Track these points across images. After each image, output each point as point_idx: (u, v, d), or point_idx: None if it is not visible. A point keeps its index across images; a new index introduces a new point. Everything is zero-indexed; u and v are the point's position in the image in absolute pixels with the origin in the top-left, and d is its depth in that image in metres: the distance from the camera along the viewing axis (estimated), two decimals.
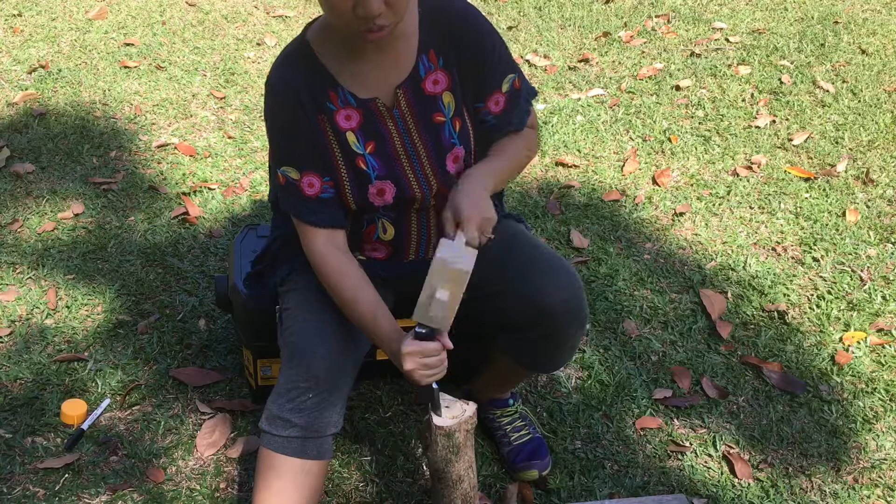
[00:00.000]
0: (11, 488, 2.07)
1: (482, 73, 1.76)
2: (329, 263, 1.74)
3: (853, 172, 3.26)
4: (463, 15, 1.75)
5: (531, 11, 4.65)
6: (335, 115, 1.72)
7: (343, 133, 1.73)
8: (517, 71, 1.82)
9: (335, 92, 1.71)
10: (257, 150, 3.41)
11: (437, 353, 1.63)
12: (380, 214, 1.81)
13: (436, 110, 1.75)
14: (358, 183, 1.75)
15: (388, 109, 1.73)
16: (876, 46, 4.21)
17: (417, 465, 2.15)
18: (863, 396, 2.35)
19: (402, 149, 1.76)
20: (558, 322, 1.79)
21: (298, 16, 4.58)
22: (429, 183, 1.78)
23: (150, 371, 2.40)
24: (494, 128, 1.82)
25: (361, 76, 1.71)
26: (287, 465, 1.72)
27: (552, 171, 3.31)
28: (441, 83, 1.74)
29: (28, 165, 3.25)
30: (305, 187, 1.73)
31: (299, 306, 1.82)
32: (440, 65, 1.73)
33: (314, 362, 1.71)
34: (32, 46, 4.17)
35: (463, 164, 1.80)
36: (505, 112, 1.81)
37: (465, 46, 1.73)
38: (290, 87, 1.70)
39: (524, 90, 1.83)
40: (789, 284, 2.73)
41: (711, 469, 2.16)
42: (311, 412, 1.71)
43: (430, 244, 1.87)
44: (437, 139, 1.76)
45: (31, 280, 2.71)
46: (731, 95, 3.79)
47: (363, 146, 1.74)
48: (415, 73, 1.72)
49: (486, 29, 1.77)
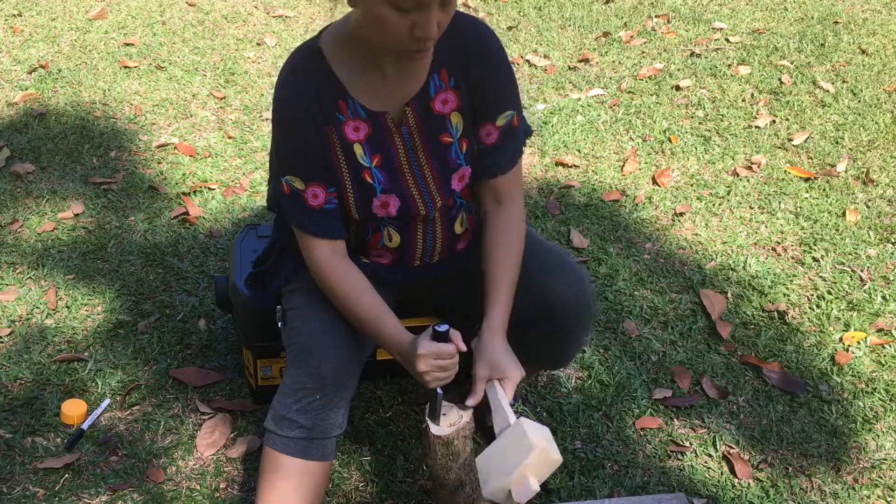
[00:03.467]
0: (11, 488, 2.07)
1: (482, 100, 1.74)
2: (330, 272, 1.73)
3: (853, 172, 3.26)
4: (479, 37, 1.72)
5: (531, 11, 4.65)
6: (343, 127, 1.70)
7: (350, 145, 1.71)
8: (518, 109, 1.78)
9: (345, 103, 1.68)
10: (257, 150, 3.41)
11: (451, 355, 1.62)
12: (385, 223, 1.80)
13: (443, 131, 1.73)
14: (362, 195, 1.74)
15: (396, 125, 1.71)
16: (876, 46, 4.21)
17: (417, 465, 2.15)
18: (863, 396, 2.35)
19: (407, 165, 1.74)
20: (567, 318, 1.79)
21: (298, 16, 4.58)
22: (433, 199, 1.77)
23: (150, 371, 2.40)
24: (481, 159, 1.79)
25: (373, 89, 1.68)
26: (291, 465, 1.72)
27: (552, 171, 3.31)
28: (450, 103, 1.72)
29: (28, 165, 3.26)
30: (310, 198, 1.71)
31: (306, 306, 1.81)
32: (451, 84, 1.71)
33: (323, 363, 1.70)
34: (32, 46, 4.18)
35: (469, 181, 1.79)
36: (496, 148, 1.78)
37: (474, 66, 1.71)
38: (300, 97, 1.67)
39: (521, 130, 1.80)
40: (789, 284, 2.73)
41: (711, 469, 2.16)
42: (318, 413, 1.71)
43: (436, 251, 1.87)
44: (444, 159, 1.75)
45: (31, 280, 2.71)
46: (731, 95, 3.79)
47: (370, 159, 1.72)
48: (425, 90, 1.70)
49: (499, 57, 1.74)
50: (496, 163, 1.79)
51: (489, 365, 1.71)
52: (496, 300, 1.76)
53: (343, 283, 1.73)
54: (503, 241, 1.80)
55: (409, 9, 1.47)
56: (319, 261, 1.74)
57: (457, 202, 1.81)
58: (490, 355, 1.72)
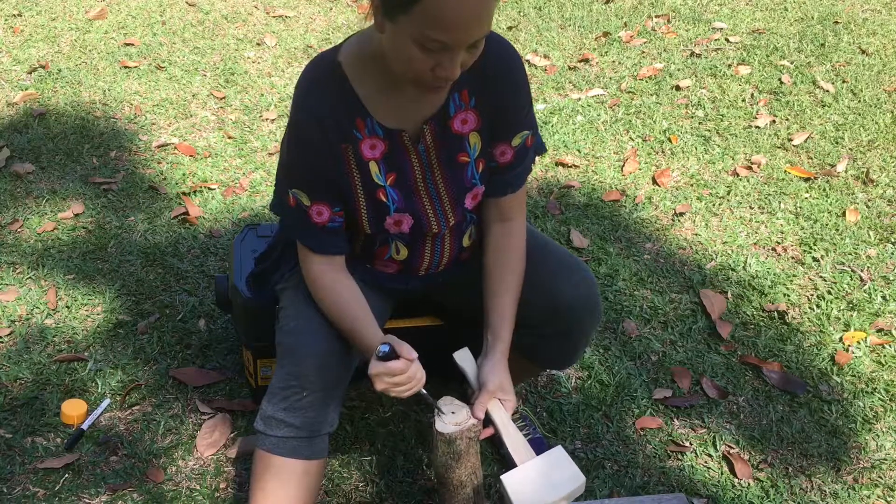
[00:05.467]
0: (11, 488, 2.07)
1: (500, 120, 1.73)
2: (324, 284, 1.73)
3: (853, 172, 3.26)
4: (502, 58, 1.69)
5: (531, 11, 4.65)
6: (360, 144, 1.67)
7: (366, 163, 1.69)
8: (533, 128, 1.78)
9: (363, 121, 1.66)
10: (257, 150, 3.41)
11: (403, 371, 1.61)
12: (394, 237, 1.80)
13: (461, 150, 1.72)
14: (376, 213, 1.73)
15: (412, 142, 1.69)
16: (876, 46, 4.21)
17: (417, 465, 2.15)
18: (863, 396, 2.35)
19: (422, 183, 1.73)
20: (574, 319, 1.79)
21: (298, 16, 4.58)
22: (447, 218, 1.76)
23: (150, 371, 2.40)
24: (492, 177, 1.78)
25: (392, 107, 1.66)
26: (282, 465, 1.72)
27: (552, 171, 3.31)
28: (469, 123, 1.70)
29: (28, 165, 3.26)
30: (314, 215, 1.70)
31: (292, 305, 1.81)
32: (471, 105, 1.69)
33: (306, 360, 1.70)
34: (32, 46, 4.18)
35: (482, 199, 1.79)
36: (509, 166, 1.77)
37: (495, 87, 1.69)
38: (316, 115, 1.64)
39: (534, 147, 1.80)
40: (789, 284, 2.73)
41: (711, 469, 2.16)
42: (305, 412, 1.70)
43: (442, 263, 1.86)
44: (460, 179, 1.73)
45: (31, 280, 2.71)
46: (731, 95, 3.79)
47: (384, 177, 1.70)
48: (444, 109, 1.68)
49: (520, 78, 1.72)
50: (507, 181, 1.78)
51: (498, 384, 1.72)
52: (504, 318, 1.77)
53: (337, 297, 1.73)
54: (506, 260, 1.80)
55: (434, 50, 1.45)
56: (313, 269, 1.74)
57: (467, 217, 1.81)
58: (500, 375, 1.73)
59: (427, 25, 1.41)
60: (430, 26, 1.41)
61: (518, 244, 1.81)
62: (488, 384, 1.71)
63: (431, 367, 1.77)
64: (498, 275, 1.79)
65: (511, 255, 1.80)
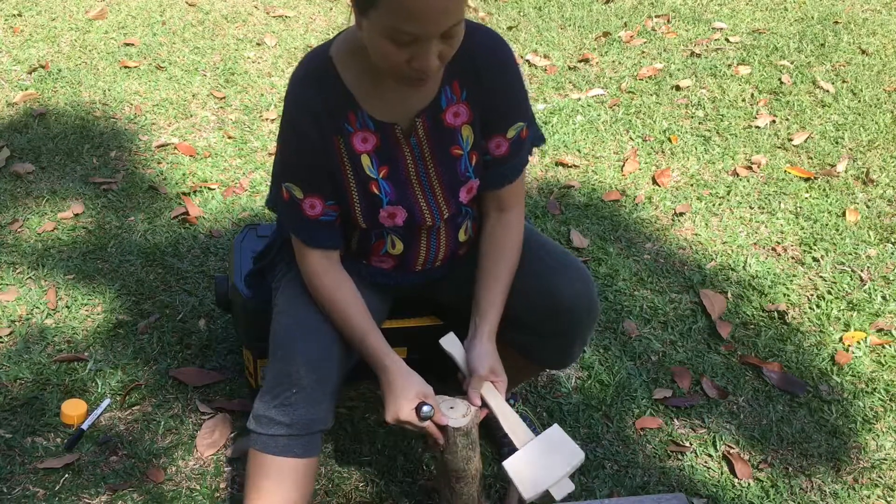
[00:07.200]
0: (11, 488, 2.07)
1: (493, 113, 1.73)
2: (321, 280, 1.74)
3: (853, 172, 3.26)
4: (492, 50, 1.69)
5: (531, 11, 4.65)
6: (351, 137, 1.68)
7: (358, 156, 1.69)
8: (528, 118, 1.78)
9: (354, 114, 1.67)
10: (257, 150, 3.41)
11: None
12: (390, 231, 1.80)
13: (453, 143, 1.72)
14: (369, 206, 1.73)
15: (405, 136, 1.70)
16: (876, 46, 4.21)
17: (417, 465, 2.15)
18: (863, 396, 2.35)
19: (415, 177, 1.73)
20: (571, 318, 1.80)
21: (298, 16, 4.58)
22: (440, 211, 1.76)
23: (150, 371, 2.40)
24: (488, 169, 1.78)
25: (383, 100, 1.67)
26: (274, 464, 1.71)
27: (552, 171, 3.31)
28: (462, 116, 1.71)
29: (28, 165, 3.26)
30: (307, 208, 1.71)
31: (284, 303, 1.82)
32: (463, 97, 1.70)
33: (296, 357, 1.70)
34: (32, 46, 4.17)
35: (476, 193, 1.79)
36: (504, 159, 1.77)
37: (487, 80, 1.69)
38: (308, 109, 1.65)
39: (529, 138, 1.80)
40: (789, 284, 2.73)
41: (711, 469, 2.16)
42: (296, 409, 1.70)
43: (438, 258, 1.87)
44: (453, 171, 1.74)
45: (31, 280, 2.71)
46: (731, 95, 3.79)
47: (377, 170, 1.71)
48: (436, 102, 1.68)
49: (512, 70, 1.72)
50: (503, 174, 1.79)
51: (489, 368, 1.72)
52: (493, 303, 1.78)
53: (333, 290, 1.73)
54: (500, 246, 1.81)
55: (407, 42, 1.45)
56: (310, 265, 1.75)
57: (462, 211, 1.81)
58: (489, 357, 1.74)
59: (395, 18, 1.42)
60: (397, 19, 1.41)
61: (514, 234, 1.82)
62: (479, 369, 1.72)
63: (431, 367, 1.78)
64: (491, 262, 1.80)
65: (506, 244, 1.81)
